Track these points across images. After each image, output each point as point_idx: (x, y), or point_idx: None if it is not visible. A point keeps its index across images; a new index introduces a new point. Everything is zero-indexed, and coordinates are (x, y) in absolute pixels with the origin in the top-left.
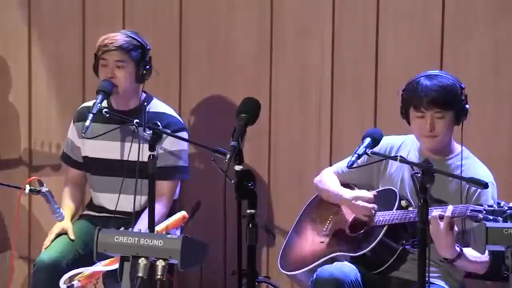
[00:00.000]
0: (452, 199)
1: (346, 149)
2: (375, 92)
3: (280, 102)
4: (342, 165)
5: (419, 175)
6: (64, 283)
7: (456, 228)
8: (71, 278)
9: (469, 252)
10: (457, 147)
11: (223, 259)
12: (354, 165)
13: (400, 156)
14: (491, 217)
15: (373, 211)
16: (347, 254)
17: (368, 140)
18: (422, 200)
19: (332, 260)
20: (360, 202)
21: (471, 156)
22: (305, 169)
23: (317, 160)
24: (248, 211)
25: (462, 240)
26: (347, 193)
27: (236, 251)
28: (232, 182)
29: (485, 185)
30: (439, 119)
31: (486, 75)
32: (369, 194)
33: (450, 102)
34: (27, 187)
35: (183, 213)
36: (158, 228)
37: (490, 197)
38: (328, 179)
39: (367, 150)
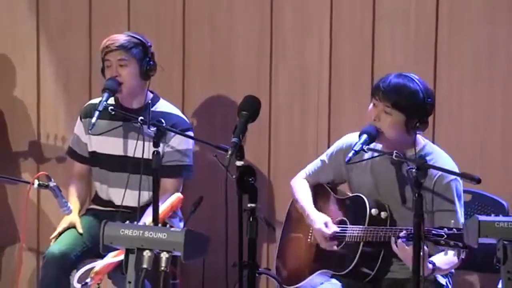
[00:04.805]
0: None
1: None
2: None
3: (280, 100)
4: (311, 167)
5: (413, 170)
6: (78, 282)
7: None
8: (84, 277)
9: (439, 259)
10: (420, 144)
11: (224, 251)
12: (351, 161)
13: (396, 153)
14: (452, 243)
15: (334, 246)
16: (333, 272)
17: (364, 136)
18: (417, 194)
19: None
20: (321, 239)
21: (436, 149)
22: (304, 165)
23: (316, 156)
24: (249, 205)
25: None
26: (315, 220)
27: (237, 244)
28: (233, 177)
29: (478, 181)
30: (386, 114)
31: (480, 72)
32: (332, 229)
33: (402, 104)
34: (36, 182)
35: (177, 195)
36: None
37: (455, 192)
38: (300, 189)
39: (364, 146)
